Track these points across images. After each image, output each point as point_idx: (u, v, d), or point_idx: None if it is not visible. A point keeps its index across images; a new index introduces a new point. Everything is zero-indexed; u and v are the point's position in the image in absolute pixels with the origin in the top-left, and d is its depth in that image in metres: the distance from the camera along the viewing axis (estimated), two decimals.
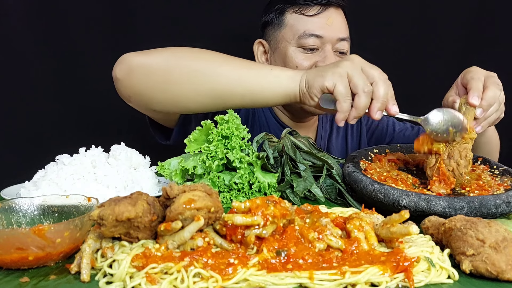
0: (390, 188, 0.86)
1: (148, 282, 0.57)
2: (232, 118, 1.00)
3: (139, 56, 1.09)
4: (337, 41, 1.35)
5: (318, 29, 1.33)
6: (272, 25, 1.41)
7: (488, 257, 0.62)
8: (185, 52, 1.10)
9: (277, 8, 1.39)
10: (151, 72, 1.07)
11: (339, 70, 0.97)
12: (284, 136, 1.08)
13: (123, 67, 1.10)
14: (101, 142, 1.07)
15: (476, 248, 0.63)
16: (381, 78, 0.96)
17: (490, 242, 0.63)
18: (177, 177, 1.00)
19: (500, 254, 0.62)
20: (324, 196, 1.02)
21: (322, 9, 1.34)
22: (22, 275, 0.62)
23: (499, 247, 0.63)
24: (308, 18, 1.34)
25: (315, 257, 0.62)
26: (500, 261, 0.62)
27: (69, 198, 0.75)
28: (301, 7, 1.35)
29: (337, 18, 1.37)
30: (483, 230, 0.65)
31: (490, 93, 0.99)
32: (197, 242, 0.63)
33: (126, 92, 1.12)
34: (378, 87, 0.96)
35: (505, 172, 0.99)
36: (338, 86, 0.96)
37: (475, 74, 1.02)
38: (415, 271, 0.61)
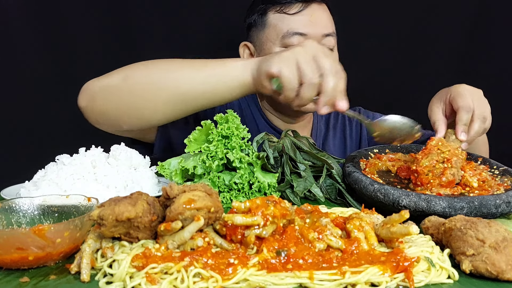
0: (390, 188, 0.86)
1: (148, 282, 0.57)
2: (232, 118, 1.00)
3: (98, 81, 1.12)
4: (322, 38, 1.32)
5: (301, 27, 1.31)
6: (256, 26, 1.39)
7: (488, 257, 0.62)
8: (140, 66, 1.11)
9: (259, 9, 1.37)
10: (111, 93, 1.09)
11: (288, 55, 0.94)
12: (284, 136, 1.08)
13: (85, 95, 1.13)
14: (101, 142, 1.07)
15: (476, 248, 0.63)
16: (331, 71, 0.92)
17: (490, 242, 0.63)
18: (177, 177, 1.00)
19: (500, 254, 0.62)
20: (324, 196, 1.02)
21: (304, 6, 1.32)
22: (22, 275, 0.62)
23: (499, 247, 0.63)
24: (291, 16, 1.32)
25: (315, 257, 0.62)
26: (500, 261, 0.62)
27: (69, 198, 0.75)
28: (282, 6, 1.33)
29: (320, 14, 1.34)
30: (483, 230, 0.65)
31: (476, 128, 1.01)
32: (197, 242, 0.63)
33: (94, 118, 1.14)
34: (326, 80, 0.92)
35: (505, 172, 0.99)
36: (284, 72, 0.93)
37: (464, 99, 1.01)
38: (415, 271, 0.61)
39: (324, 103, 0.94)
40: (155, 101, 1.07)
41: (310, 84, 0.93)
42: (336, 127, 1.55)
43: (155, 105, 1.07)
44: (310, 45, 0.97)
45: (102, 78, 1.12)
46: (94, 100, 1.11)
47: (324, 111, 0.95)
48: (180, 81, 1.05)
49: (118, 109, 1.09)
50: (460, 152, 0.97)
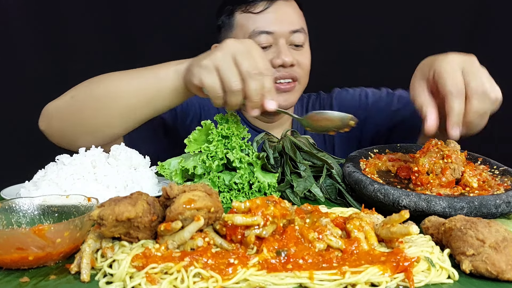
0: (390, 188, 0.86)
1: (148, 282, 0.57)
2: (232, 118, 1.00)
3: (53, 103, 1.15)
4: (290, 34, 1.31)
5: (267, 25, 1.30)
6: (224, 28, 1.39)
7: (488, 257, 0.62)
8: (85, 84, 1.13)
9: (227, 10, 1.37)
10: (63, 114, 1.13)
11: (207, 64, 0.92)
12: (284, 136, 1.08)
13: (43, 119, 1.17)
14: None
15: (476, 248, 0.63)
16: (252, 74, 0.89)
17: (490, 242, 0.63)
18: (177, 177, 1.00)
19: (500, 254, 0.62)
20: (324, 196, 1.02)
21: (269, 4, 1.31)
22: (22, 275, 0.62)
23: (499, 247, 0.63)
24: (256, 15, 1.31)
25: (315, 257, 0.62)
26: (500, 261, 0.62)
27: (69, 198, 0.75)
28: (248, 5, 1.32)
29: (287, 10, 1.33)
30: (483, 230, 0.64)
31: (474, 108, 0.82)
32: (197, 242, 0.63)
33: (55, 140, 1.18)
34: (248, 85, 0.90)
35: (505, 172, 0.99)
36: (205, 82, 0.92)
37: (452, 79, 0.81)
38: (415, 271, 0.61)
39: (250, 107, 0.92)
40: (101, 116, 1.09)
41: (231, 92, 0.91)
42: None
43: (102, 120, 1.09)
44: (231, 45, 0.93)
45: (56, 100, 1.15)
46: (50, 122, 1.15)
47: (254, 113, 0.93)
48: (119, 94, 1.07)
49: (72, 128, 1.13)
50: (461, 153, 0.97)
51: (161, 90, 1.04)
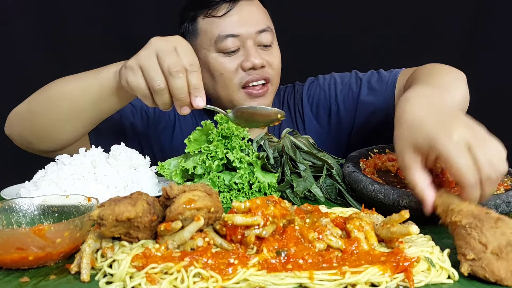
0: (390, 188, 0.86)
1: (148, 282, 0.57)
2: None
3: (15, 109, 1.17)
4: (257, 35, 1.26)
5: (232, 28, 1.25)
6: (188, 35, 1.32)
7: (488, 264, 0.60)
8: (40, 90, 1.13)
9: (188, 15, 1.32)
10: (20, 120, 1.15)
11: (133, 64, 0.90)
12: (284, 136, 1.08)
13: (6, 124, 1.19)
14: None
15: (477, 253, 0.61)
16: (175, 71, 0.86)
17: (492, 247, 0.60)
18: (177, 177, 1.00)
19: (501, 261, 0.60)
20: (324, 196, 1.02)
21: (231, 6, 1.26)
22: (22, 275, 0.62)
23: (502, 253, 0.60)
24: (219, 19, 1.26)
25: (315, 257, 0.62)
26: (500, 269, 0.59)
27: (69, 198, 0.75)
28: (210, 9, 1.26)
29: (251, 10, 1.28)
30: (488, 233, 0.61)
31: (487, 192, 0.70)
32: (197, 242, 0.63)
33: (18, 143, 1.20)
34: (171, 83, 0.87)
35: None
36: (130, 84, 0.91)
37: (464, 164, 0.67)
38: (415, 271, 0.61)
39: (178, 105, 0.90)
40: (51, 118, 1.10)
41: (155, 91, 0.88)
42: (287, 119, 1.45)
43: (52, 122, 1.10)
44: (153, 44, 0.91)
45: (18, 105, 1.17)
46: (12, 127, 1.17)
47: (184, 111, 0.90)
48: (66, 97, 1.07)
49: (29, 133, 1.14)
50: None
51: (103, 91, 1.03)
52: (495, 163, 0.69)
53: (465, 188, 0.69)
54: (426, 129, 0.71)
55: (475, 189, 0.68)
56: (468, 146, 0.68)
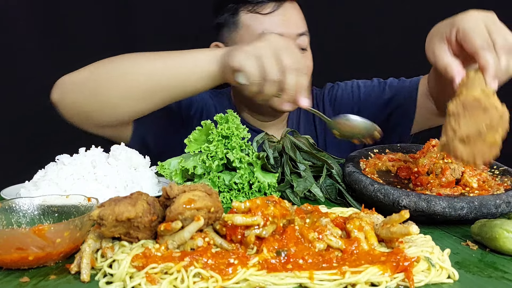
0: (390, 188, 0.86)
1: (148, 282, 0.57)
2: (232, 118, 1.00)
3: (69, 76, 1.13)
4: (296, 37, 1.29)
5: (276, 27, 1.27)
6: (227, 26, 1.34)
7: (454, 148, 0.70)
8: (107, 60, 1.12)
9: (229, 8, 1.33)
10: (80, 88, 1.11)
11: (250, 50, 0.94)
12: (284, 136, 1.08)
13: (56, 90, 1.14)
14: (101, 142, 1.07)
15: (448, 138, 0.71)
16: (291, 69, 0.92)
17: (460, 135, 0.69)
18: (177, 177, 1.00)
19: (466, 147, 0.68)
20: (324, 196, 1.02)
21: (277, 6, 1.29)
22: (22, 275, 0.62)
23: (469, 141, 0.68)
24: (264, 16, 1.28)
25: (315, 257, 0.62)
26: (463, 153, 0.69)
27: (69, 198, 0.75)
28: (255, 5, 1.29)
29: (293, 13, 1.31)
30: (462, 122, 0.70)
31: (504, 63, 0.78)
32: (197, 242, 0.63)
33: (67, 113, 1.16)
34: (286, 78, 0.93)
35: (505, 172, 0.99)
36: (245, 67, 0.94)
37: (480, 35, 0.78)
38: (415, 271, 0.61)
39: (285, 100, 0.95)
40: (124, 94, 1.08)
41: (271, 80, 0.93)
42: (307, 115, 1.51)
43: (124, 98, 1.08)
44: (274, 40, 0.95)
45: (73, 73, 1.14)
46: (64, 94, 1.13)
47: (287, 107, 0.96)
48: (148, 74, 1.06)
49: (88, 103, 1.11)
50: None
51: (196, 73, 1.04)
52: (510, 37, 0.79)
53: (477, 52, 0.77)
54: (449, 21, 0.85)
55: (489, 52, 0.77)
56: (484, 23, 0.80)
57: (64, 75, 1.14)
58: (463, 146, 0.69)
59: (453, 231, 0.83)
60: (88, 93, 1.10)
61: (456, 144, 0.70)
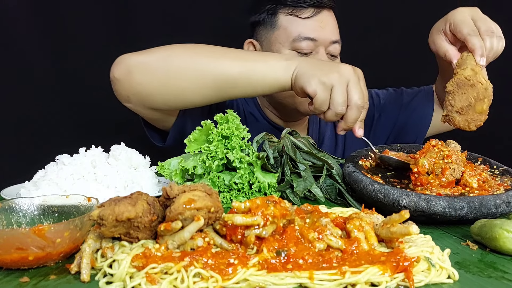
0: (390, 188, 0.86)
1: (148, 282, 0.57)
2: (232, 118, 1.00)
3: (137, 56, 1.13)
4: (329, 44, 1.34)
5: (312, 32, 1.32)
6: (264, 25, 1.39)
7: (452, 118, 0.93)
8: (183, 48, 1.14)
9: (269, 8, 1.37)
10: (151, 70, 1.11)
11: (325, 82, 1.01)
12: (284, 136, 1.08)
13: (121, 67, 1.13)
14: (101, 142, 1.07)
15: (448, 111, 0.94)
16: (357, 105, 1.01)
17: (456, 108, 0.93)
18: (177, 177, 1.00)
19: (461, 116, 0.92)
20: (324, 196, 1.02)
21: (315, 12, 1.33)
22: (22, 275, 0.62)
23: (462, 111, 0.92)
24: (302, 20, 1.33)
25: (315, 257, 0.62)
26: (460, 121, 0.93)
27: (69, 198, 0.75)
28: (294, 9, 1.33)
29: (329, 20, 1.36)
30: (457, 97, 0.92)
31: (488, 44, 0.97)
32: (197, 242, 0.63)
33: (125, 93, 1.15)
34: (350, 113, 1.02)
35: (505, 172, 0.99)
36: (318, 95, 1.01)
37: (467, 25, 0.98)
38: (415, 271, 0.61)
39: (342, 128, 1.05)
40: (199, 84, 1.11)
41: (334, 112, 1.02)
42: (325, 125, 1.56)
43: (198, 88, 1.11)
44: (346, 71, 1.02)
45: (141, 53, 1.14)
46: (131, 73, 1.12)
47: (341, 132, 1.06)
48: (223, 70, 1.10)
49: (154, 86, 1.12)
50: (461, 154, 0.97)
51: (267, 79, 1.09)
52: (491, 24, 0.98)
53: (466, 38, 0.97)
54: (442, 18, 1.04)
55: (475, 37, 0.96)
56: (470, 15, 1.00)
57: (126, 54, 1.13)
58: (459, 116, 0.92)
59: (453, 231, 0.83)
60: (158, 78, 1.11)
61: (454, 115, 0.92)
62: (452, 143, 1.02)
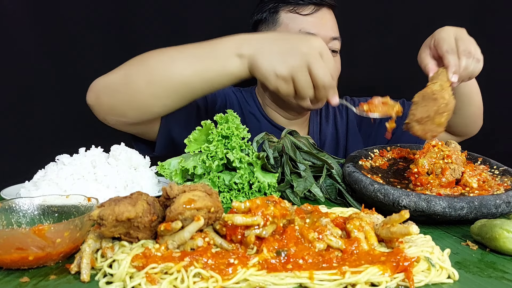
0: (390, 188, 0.86)
1: (148, 282, 0.57)
2: (232, 118, 1.00)
3: (102, 79, 1.16)
4: (330, 40, 1.37)
5: (312, 28, 1.35)
6: (266, 23, 1.42)
7: (412, 127, 0.98)
8: (137, 60, 1.14)
9: (271, 7, 1.41)
10: (113, 91, 1.13)
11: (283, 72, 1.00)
12: (284, 136, 1.08)
13: (91, 93, 1.17)
14: (101, 142, 1.07)
15: (409, 120, 0.98)
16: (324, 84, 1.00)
17: (416, 118, 0.97)
18: (177, 177, 1.00)
19: (420, 126, 0.97)
20: (324, 196, 1.02)
21: (316, 9, 1.37)
22: (22, 275, 0.62)
23: (422, 122, 0.96)
24: (303, 17, 1.36)
25: (315, 257, 0.62)
26: (418, 130, 0.97)
27: (69, 198, 0.75)
28: (295, 6, 1.37)
29: (329, 18, 1.39)
30: (419, 108, 0.97)
31: (464, 63, 1.03)
32: (197, 242, 0.63)
33: (101, 115, 1.18)
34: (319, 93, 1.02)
35: (505, 172, 0.99)
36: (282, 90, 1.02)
37: (447, 43, 1.05)
38: (415, 271, 0.61)
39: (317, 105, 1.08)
40: (155, 95, 1.10)
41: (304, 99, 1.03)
42: (328, 117, 1.58)
43: (156, 99, 1.11)
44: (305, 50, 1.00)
45: (106, 76, 1.16)
46: (99, 97, 1.15)
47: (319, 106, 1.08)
48: (176, 76, 1.09)
49: (122, 103, 1.13)
50: (461, 154, 0.97)
51: (223, 74, 1.07)
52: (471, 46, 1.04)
53: (443, 54, 1.04)
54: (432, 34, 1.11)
55: (452, 55, 1.03)
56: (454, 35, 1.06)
57: (97, 78, 1.16)
58: (418, 125, 0.96)
59: (453, 231, 0.83)
60: (122, 96, 1.12)
61: (413, 124, 0.97)
62: (452, 143, 1.02)
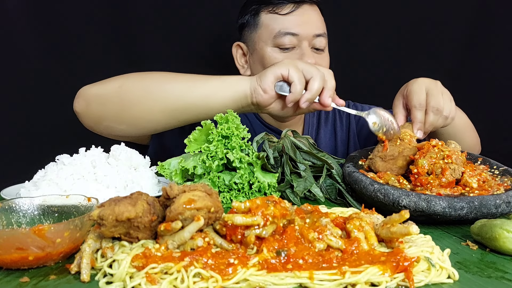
0: (390, 188, 0.86)
1: (148, 282, 0.57)
2: (232, 118, 1.00)
3: (94, 87, 1.15)
4: (313, 38, 1.35)
5: (293, 27, 1.33)
6: (248, 26, 1.41)
7: (374, 163, 1.01)
8: (135, 76, 1.14)
9: (252, 9, 1.40)
10: (106, 101, 1.13)
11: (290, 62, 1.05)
12: (284, 136, 1.08)
13: (80, 100, 1.16)
14: (101, 142, 1.07)
15: (373, 156, 1.02)
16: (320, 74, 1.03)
17: (380, 155, 1.01)
18: (177, 177, 1.00)
19: (383, 163, 1.00)
20: (324, 196, 1.02)
21: (295, 7, 1.35)
22: (22, 275, 0.62)
23: (386, 159, 1.00)
24: (283, 17, 1.34)
25: (315, 257, 0.62)
26: (380, 166, 1.01)
27: (69, 198, 0.75)
28: (275, 6, 1.36)
29: (312, 14, 1.37)
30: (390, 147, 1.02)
31: (431, 119, 1.08)
32: (197, 242, 0.63)
33: (88, 123, 1.19)
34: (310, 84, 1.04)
35: (505, 172, 0.99)
36: (291, 72, 1.03)
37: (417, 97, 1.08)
38: (415, 271, 0.61)
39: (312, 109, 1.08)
40: (149, 111, 1.10)
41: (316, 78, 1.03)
42: (327, 121, 1.56)
43: (149, 115, 1.11)
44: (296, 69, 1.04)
45: (97, 84, 1.15)
46: (89, 106, 1.15)
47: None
48: (175, 96, 1.09)
49: (112, 116, 1.13)
50: (461, 154, 0.97)
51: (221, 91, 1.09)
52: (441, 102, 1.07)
53: (411, 109, 1.09)
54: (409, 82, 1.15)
55: (419, 111, 1.08)
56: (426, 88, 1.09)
57: (86, 85, 1.15)
58: (381, 162, 1.01)
59: (453, 231, 0.83)
60: (114, 108, 1.12)
61: (377, 160, 1.01)
62: (453, 143, 1.02)
